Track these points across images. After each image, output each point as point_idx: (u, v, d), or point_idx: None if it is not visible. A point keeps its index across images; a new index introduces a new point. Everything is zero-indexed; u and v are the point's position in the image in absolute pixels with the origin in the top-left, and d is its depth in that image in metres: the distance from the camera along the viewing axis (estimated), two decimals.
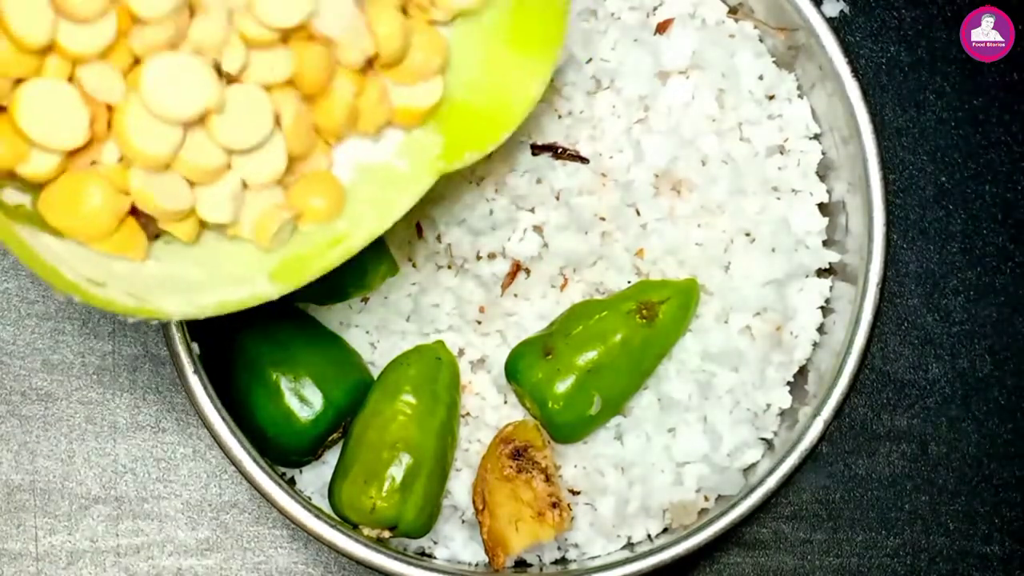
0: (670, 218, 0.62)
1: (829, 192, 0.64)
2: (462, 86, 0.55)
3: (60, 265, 0.51)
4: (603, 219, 0.62)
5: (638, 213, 0.62)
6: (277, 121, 0.52)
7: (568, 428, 0.61)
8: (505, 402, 0.63)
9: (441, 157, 0.55)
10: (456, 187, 0.61)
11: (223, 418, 0.60)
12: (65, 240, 0.52)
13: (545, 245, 0.62)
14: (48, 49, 0.50)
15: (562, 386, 0.60)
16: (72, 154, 0.51)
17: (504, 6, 0.55)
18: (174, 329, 0.59)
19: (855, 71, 0.61)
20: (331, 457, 0.63)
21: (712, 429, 0.61)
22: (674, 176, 0.62)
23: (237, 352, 0.62)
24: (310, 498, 0.63)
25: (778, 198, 0.63)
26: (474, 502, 0.61)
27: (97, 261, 0.52)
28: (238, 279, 0.53)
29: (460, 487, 0.63)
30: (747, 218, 0.62)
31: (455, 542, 0.63)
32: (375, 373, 0.63)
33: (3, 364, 0.72)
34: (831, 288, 0.63)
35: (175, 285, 0.52)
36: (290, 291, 0.53)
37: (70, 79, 0.50)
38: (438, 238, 0.63)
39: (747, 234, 0.62)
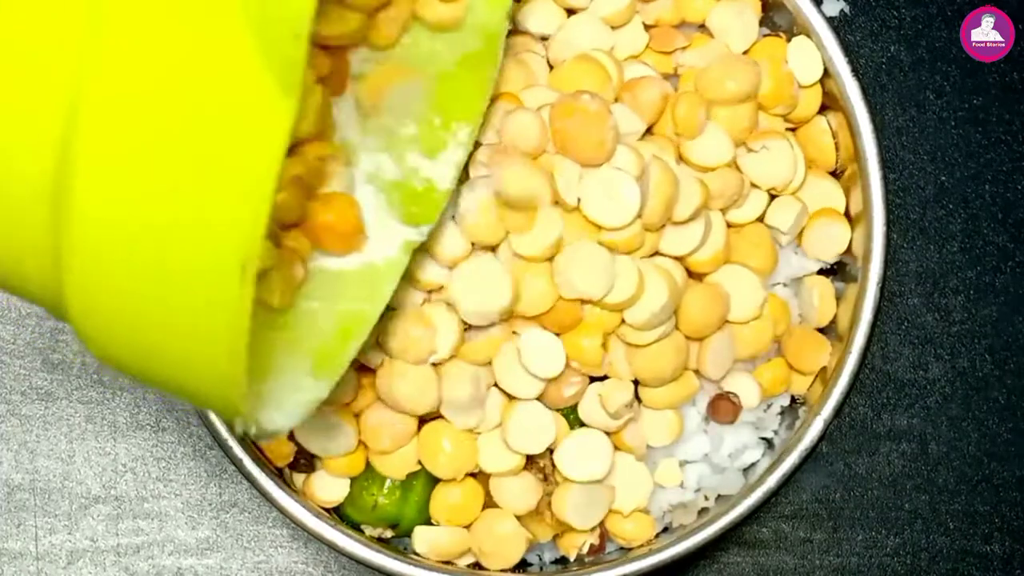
0: None
1: None
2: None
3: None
4: None
5: None
6: None
7: None
8: None
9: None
10: None
11: (223, 418, 0.59)
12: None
13: None
14: None
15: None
16: None
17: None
18: None
19: (855, 71, 0.60)
20: None
21: (714, 428, 0.61)
22: None
23: None
24: None
25: None
26: None
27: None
28: (296, 387, 0.52)
29: None
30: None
31: None
32: None
33: (3, 363, 0.72)
34: (831, 288, 0.63)
35: (264, 399, 0.51)
36: (335, 382, 0.52)
37: None
38: None
39: None
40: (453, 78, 0.56)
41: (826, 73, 0.61)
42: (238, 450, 0.59)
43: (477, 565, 0.60)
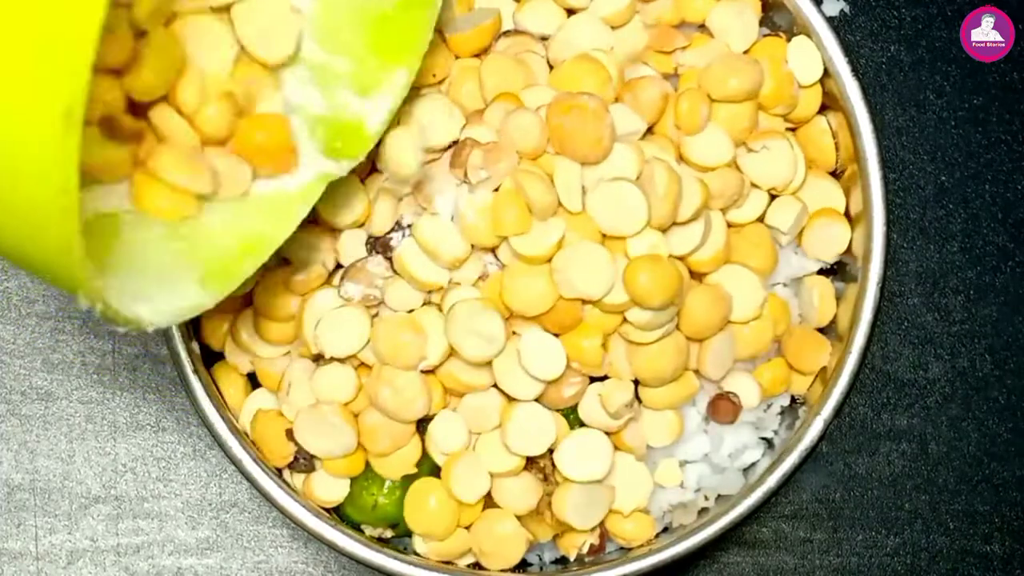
0: None
1: None
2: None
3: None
4: None
5: None
6: None
7: None
8: None
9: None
10: None
11: (223, 418, 0.59)
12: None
13: None
14: None
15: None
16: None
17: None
18: (174, 328, 0.59)
19: (855, 71, 0.60)
20: None
21: (714, 428, 0.61)
22: None
23: None
24: None
25: None
26: None
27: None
28: (176, 290, 0.51)
29: None
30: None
31: None
32: None
33: (3, 363, 0.72)
34: (831, 288, 0.63)
35: (133, 291, 0.50)
36: (223, 296, 0.52)
37: None
38: None
39: None
40: (392, 20, 0.55)
41: (826, 73, 0.61)
42: (238, 450, 0.59)
43: (477, 565, 0.60)
